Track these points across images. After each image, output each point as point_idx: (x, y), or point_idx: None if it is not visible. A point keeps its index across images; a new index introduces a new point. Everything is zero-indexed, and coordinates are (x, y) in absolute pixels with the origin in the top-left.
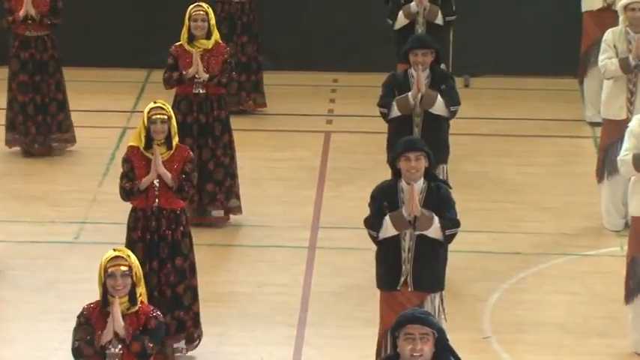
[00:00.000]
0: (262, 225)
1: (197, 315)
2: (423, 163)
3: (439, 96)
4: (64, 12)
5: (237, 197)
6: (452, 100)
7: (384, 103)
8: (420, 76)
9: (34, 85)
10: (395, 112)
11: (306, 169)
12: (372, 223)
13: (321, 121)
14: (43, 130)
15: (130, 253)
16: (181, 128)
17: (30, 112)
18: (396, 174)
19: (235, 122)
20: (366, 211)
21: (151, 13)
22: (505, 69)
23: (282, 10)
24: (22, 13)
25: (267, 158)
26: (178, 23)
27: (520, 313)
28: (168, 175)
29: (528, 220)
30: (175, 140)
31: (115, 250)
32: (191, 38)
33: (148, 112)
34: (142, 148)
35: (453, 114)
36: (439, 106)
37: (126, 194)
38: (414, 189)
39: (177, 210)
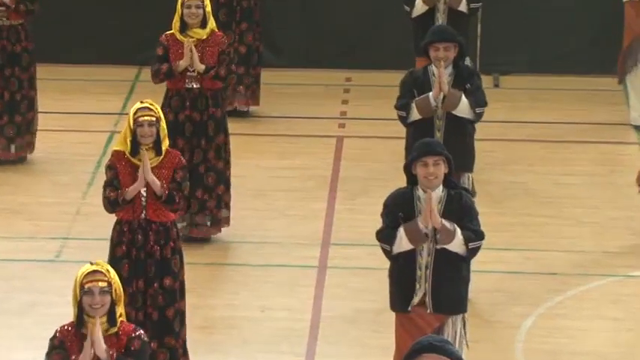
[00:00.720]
0: (266, 241)
1: (185, 343)
2: (442, 169)
3: (463, 96)
4: (42, 3)
5: (228, 207)
6: (478, 101)
7: (402, 105)
8: (441, 74)
9: (3, 80)
10: (414, 114)
11: (315, 179)
12: (385, 236)
13: (332, 125)
14: (8, 133)
15: (109, 267)
16: (173, 127)
17: None
18: (412, 181)
19: (236, 126)
20: None
21: (141, 5)
22: (540, 66)
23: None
24: None
25: (271, 167)
26: (169, 17)
27: (556, 342)
28: (157, 184)
29: (565, 237)
30: (165, 145)
31: (92, 263)
32: (184, 27)
33: (135, 114)
34: (127, 154)
35: (479, 116)
36: (463, 108)
37: (110, 205)
38: (430, 197)
39: (166, 223)
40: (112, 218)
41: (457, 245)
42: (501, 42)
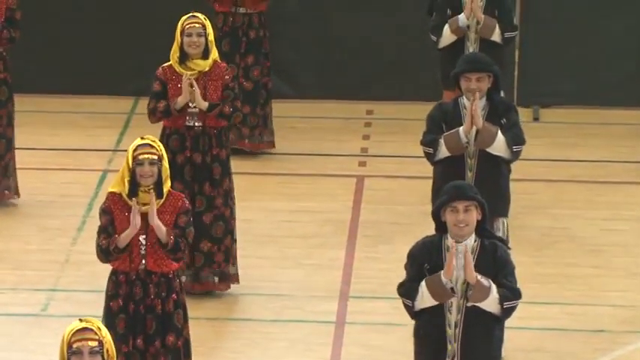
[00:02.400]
0: (278, 294)
1: None
2: (474, 216)
3: (499, 132)
4: (23, 25)
5: (235, 263)
6: (515, 138)
7: (429, 141)
8: (474, 107)
9: None
10: (443, 151)
11: (333, 224)
12: (407, 290)
13: (352, 163)
14: None
15: (100, 325)
16: (171, 170)
17: None
18: (441, 228)
19: (244, 164)
20: None
21: (138, 28)
22: (584, 98)
23: (302, 23)
24: None
25: (284, 210)
26: (170, 41)
27: None
28: (162, 229)
29: (614, 290)
30: (167, 186)
31: (81, 320)
32: (183, 57)
33: (134, 151)
34: (125, 196)
35: (516, 155)
36: (499, 146)
37: (103, 254)
38: (455, 251)
39: (168, 274)
40: (106, 268)
41: (491, 304)
42: (541, 71)
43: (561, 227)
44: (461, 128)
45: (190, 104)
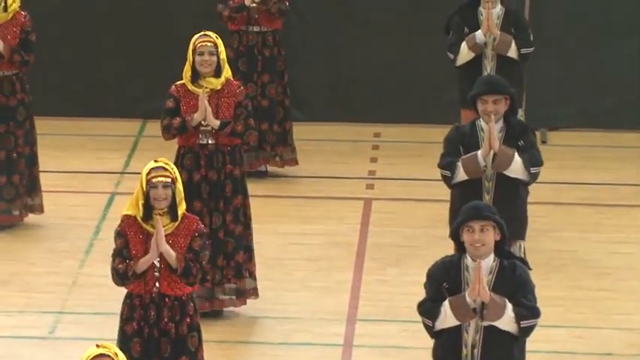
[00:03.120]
0: (286, 317)
1: None
2: (492, 236)
3: (516, 154)
4: (36, 48)
5: (253, 277)
6: (533, 160)
7: (447, 164)
8: (492, 129)
9: None
10: (460, 174)
11: (341, 246)
12: (427, 309)
13: (360, 186)
14: (7, 195)
15: (117, 351)
16: (188, 189)
17: None
18: (461, 248)
19: (252, 187)
20: (416, 299)
21: (146, 49)
22: (592, 121)
23: (311, 47)
24: None
25: (291, 232)
26: (180, 62)
27: None
28: (172, 255)
29: (623, 313)
30: (181, 209)
31: (98, 346)
32: (195, 76)
33: (148, 174)
34: (139, 219)
35: (533, 177)
36: (516, 168)
37: (119, 278)
38: (480, 267)
39: (182, 297)
40: (111, 290)
41: (507, 323)
42: (549, 94)
43: (569, 250)
44: (479, 152)
45: (203, 122)
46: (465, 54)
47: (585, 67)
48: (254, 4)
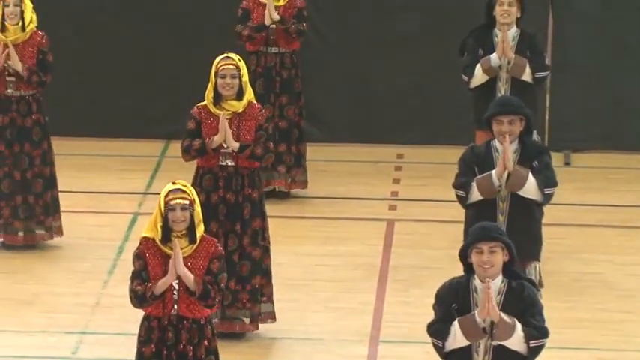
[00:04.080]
0: (308, 338)
1: None
2: (500, 257)
3: (530, 175)
4: (54, 68)
5: (271, 300)
6: (547, 181)
7: (462, 184)
8: (506, 150)
9: (13, 157)
10: (475, 195)
11: (363, 268)
12: (437, 330)
13: (382, 207)
14: (24, 215)
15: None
16: (205, 210)
17: (4, 191)
18: (469, 269)
19: (273, 208)
20: None
21: (169, 71)
22: (615, 142)
23: (332, 68)
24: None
25: (314, 253)
26: (203, 83)
27: None
28: (190, 278)
29: None
30: (200, 231)
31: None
32: (217, 98)
33: (166, 197)
34: (158, 241)
35: (547, 198)
36: (530, 188)
37: (137, 300)
38: (489, 287)
39: (200, 319)
40: (135, 310)
41: (516, 342)
42: (573, 115)
43: (592, 272)
44: (493, 172)
45: (223, 145)
46: (479, 76)
47: (609, 90)
48: (273, 25)
